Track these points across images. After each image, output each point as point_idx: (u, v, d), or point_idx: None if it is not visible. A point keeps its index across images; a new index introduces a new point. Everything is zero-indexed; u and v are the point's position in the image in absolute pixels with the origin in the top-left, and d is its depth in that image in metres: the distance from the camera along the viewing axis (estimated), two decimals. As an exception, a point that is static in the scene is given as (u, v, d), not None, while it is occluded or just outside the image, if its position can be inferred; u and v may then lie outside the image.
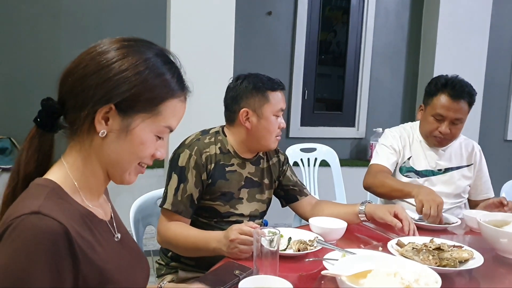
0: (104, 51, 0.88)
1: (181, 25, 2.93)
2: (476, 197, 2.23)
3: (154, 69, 0.89)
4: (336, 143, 3.76)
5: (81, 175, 0.91)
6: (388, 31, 4.26)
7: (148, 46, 0.93)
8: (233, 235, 1.37)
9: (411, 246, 1.39)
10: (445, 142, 2.12)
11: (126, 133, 0.89)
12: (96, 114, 0.86)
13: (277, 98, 1.68)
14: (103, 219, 0.96)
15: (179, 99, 0.94)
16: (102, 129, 0.87)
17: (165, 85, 0.91)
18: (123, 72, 0.86)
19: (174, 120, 0.94)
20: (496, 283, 1.39)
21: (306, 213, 1.83)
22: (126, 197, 1.85)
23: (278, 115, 1.69)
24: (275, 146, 1.74)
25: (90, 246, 0.85)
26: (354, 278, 1.08)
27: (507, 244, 1.51)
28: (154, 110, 0.90)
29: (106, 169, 0.93)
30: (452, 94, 2.02)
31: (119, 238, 0.98)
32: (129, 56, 0.88)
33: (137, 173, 0.96)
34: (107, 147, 0.89)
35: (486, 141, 4.17)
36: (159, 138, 0.94)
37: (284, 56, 4.08)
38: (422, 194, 1.81)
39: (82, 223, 0.86)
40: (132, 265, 0.98)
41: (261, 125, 1.67)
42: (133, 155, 0.91)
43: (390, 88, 4.31)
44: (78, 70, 0.87)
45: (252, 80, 1.68)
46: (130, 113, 0.88)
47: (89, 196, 0.93)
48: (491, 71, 4.19)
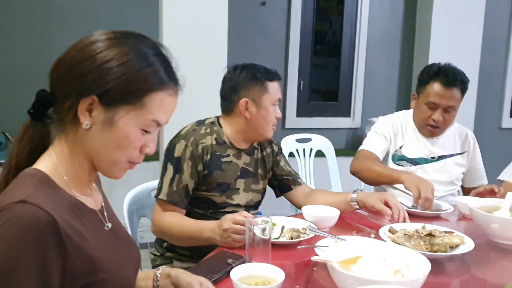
0: (91, 42, 0.88)
1: (174, 16, 2.92)
2: (470, 185, 2.25)
3: (141, 60, 0.88)
4: (332, 133, 3.77)
5: (69, 166, 0.91)
6: (382, 20, 4.25)
7: (138, 38, 0.92)
8: (226, 225, 1.38)
9: (403, 233, 1.40)
10: (438, 131, 2.13)
11: (110, 126, 0.88)
12: (79, 105, 0.86)
13: (275, 88, 1.70)
14: (93, 208, 0.96)
15: (167, 92, 0.91)
16: (85, 121, 0.87)
17: (151, 77, 0.88)
18: (107, 63, 0.85)
19: (162, 114, 0.91)
20: (486, 267, 1.41)
21: (300, 202, 1.84)
22: (122, 189, 1.85)
23: (276, 104, 1.71)
24: (272, 135, 1.76)
25: (79, 235, 0.85)
26: (344, 264, 1.09)
27: (498, 229, 1.53)
28: (139, 102, 0.88)
29: (92, 160, 0.92)
30: (445, 82, 2.02)
31: (110, 228, 0.98)
32: (114, 47, 0.87)
33: (126, 169, 0.95)
34: (92, 139, 0.89)
35: (481, 129, 4.19)
36: (146, 132, 0.91)
37: (279, 47, 4.07)
38: (414, 180, 1.82)
39: (71, 212, 0.86)
40: (123, 254, 0.99)
41: (260, 115, 1.68)
42: (118, 148, 0.90)
43: (385, 78, 4.31)
44: (66, 61, 0.87)
45: (251, 70, 1.69)
46: (114, 105, 0.87)
47: (78, 186, 0.93)
48: (485, 59, 4.20)
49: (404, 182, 1.85)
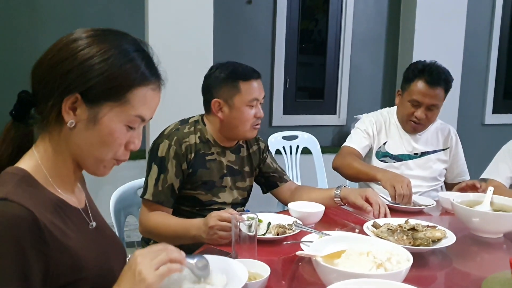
0: (71, 40, 0.88)
1: (160, 14, 2.91)
2: (452, 180, 2.29)
3: (123, 56, 0.88)
4: (318, 131, 3.80)
5: (52, 164, 0.91)
6: (367, 19, 4.29)
7: (119, 35, 0.92)
8: (212, 222, 1.39)
9: (387, 227, 1.43)
10: (421, 128, 2.17)
11: (94, 123, 0.88)
12: (62, 104, 0.86)
13: (249, 88, 1.65)
14: (77, 207, 0.96)
15: (150, 88, 0.92)
16: (70, 119, 0.87)
17: (133, 72, 0.89)
18: (88, 60, 0.85)
19: (145, 109, 0.92)
20: (468, 260, 1.44)
21: (286, 199, 1.86)
22: (109, 188, 1.85)
23: (252, 105, 1.66)
24: (253, 135, 1.73)
25: (62, 233, 0.85)
26: (328, 258, 1.11)
27: (479, 223, 1.56)
28: (122, 99, 0.88)
29: (77, 159, 0.92)
30: (429, 80, 2.05)
31: (94, 227, 0.99)
32: (95, 44, 0.87)
33: (112, 166, 0.95)
34: (77, 138, 0.89)
35: (465, 126, 4.25)
36: (131, 128, 0.92)
37: (265, 45, 4.08)
38: (389, 178, 1.85)
39: (53, 211, 0.86)
40: (108, 253, 0.99)
41: (232, 116, 1.66)
42: (103, 146, 0.90)
43: (370, 75, 4.35)
44: (47, 60, 0.87)
45: (225, 70, 1.66)
46: (97, 102, 0.87)
47: (62, 185, 0.93)
48: (468, 57, 4.26)
49: (380, 180, 1.88)
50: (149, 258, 0.83)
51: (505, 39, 4.70)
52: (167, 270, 0.83)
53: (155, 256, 0.83)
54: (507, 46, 4.76)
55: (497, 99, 4.75)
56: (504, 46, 4.71)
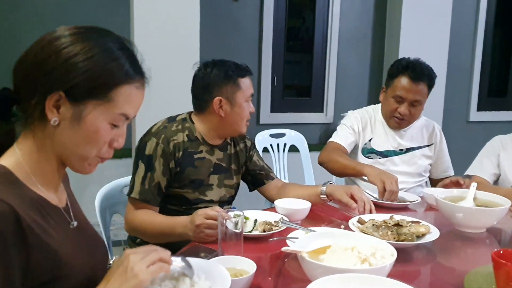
0: (54, 38, 0.87)
1: (145, 11, 2.90)
2: (437, 176, 2.32)
3: (107, 54, 0.88)
4: (306, 129, 3.82)
5: (35, 162, 0.90)
6: (354, 16, 4.31)
7: (102, 33, 0.92)
8: (198, 220, 1.38)
9: (372, 223, 1.44)
10: (404, 124, 2.19)
11: (79, 121, 0.88)
12: (46, 102, 0.86)
13: (247, 84, 1.70)
14: (57, 205, 0.95)
15: (134, 86, 0.92)
16: (53, 117, 0.87)
17: (117, 70, 0.89)
18: (72, 58, 0.85)
19: (130, 107, 0.92)
20: (451, 255, 1.46)
21: (273, 196, 1.86)
22: (95, 188, 1.84)
23: (249, 100, 1.71)
24: (245, 130, 1.77)
25: (43, 231, 0.85)
26: (314, 254, 1.12)
27: (463, 218, 1.58)
28: (106, 97, 0.88)
29: (61, 157, 0.92)
30: (412, 76, 2.08)
31: (75, 226, 0.98)
32: (79, 42, 0.87)
33: (96, 163, 0.95)
34: (61, 136, 0.89)
35: (450, 123, 4.31)
36: (115, 126, 0.92)
37: (252, 43, 4.08)
38: (378, 173, 1.87)
39: (33, 208, 0.86)
40: (89, 252, 0.99)
41: (234, 112, 1.68)
42: (88, 144, 0.90)
43: (356, 73, 4.38)
44: (29, 58, 0.87)
45: (222, 68, 1.67)
46: (81, 100, 0.87)
47: (44, 183, 0.92)
48: (453, 54, 4.31)
49: (367, 175, 1.90)
50: (141, 256, 0.85)
51: (490, 38, 4.77)
52: (159, 268, 0.85)
53: (146, 254, 0.86)
54: (492, 45, 4.82)
55: (481, 96, 4.82)
56: (488, 45, 4.77)
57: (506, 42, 4.98)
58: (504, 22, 4.88)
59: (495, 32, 4.82)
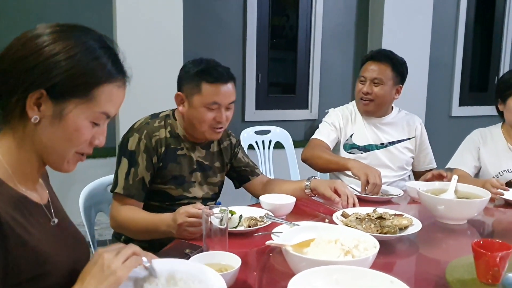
0: (35, 35, 0.87)
1: (128, 9, 2.88)
2: (420, 169, 2.36)
3: (88, 53, 0.88)
4: (291, 125, 3.84)
5: (15, 161, 0.90)
6: (337, 14, 4.34)
7: (84, 31, 0.92)
8: (180, 219, 1.38)
9: (355, 216, 1.46)
10: (371, 106, 2.23)
11: (60, 119, 0.88)
12: (27, 100, 0.85)
13: (212, 91, 1.60)
14: (39, 202, 0.95)
15: (115, 84, 0.92)
16: (34, 115, 0.86)
17: (99, 70, 0.89)
18: (54, 57, 0.85)
19: (111, 106, 0.92)
20: (434, 247, 1.48)
21: (258, 192, 1.87)
22: (79, 187, 1.82)
23: (212, 108, 1.62)
24: (213, 137, 1.71)
25: (23, 228, 0.85)
26: (298, 247, 1.13)
27: (444, 210, 1.61)
28: (88, 95, 0.88)
29: (41, 155, 0.92)
30: (371, 57, 2.23)
31: (56, 223, 0.98)
32: (61, 40, 0.86)
33: (76, 161, 0.95)
34: (41, 134, 0.88)
35: (432, 118, 4.37)
36: (96, 124, 0.92)
37: (236, 40, 4.08)
38: (362, 167, 1.90)
39: (14, 207, 0.86)
40: (70, 249, 0.98)
41: (190, 113, 1.65)
42: (68, 142, 0.90)
43: (340, 70, 4.41)
44: (9, 55, 0.86)
45: (197, 66, 1.64)
46: (63, 99, 0.87)
47: (24, 180, 0.92)
48: (435, 51, 4.37)
49: (351, 169, 1.92)
50: (114, 253, 0.85)
51: (470, 34, 4.84)
52: (135, 262, 0.86)
53: (119, 251, 0.86)
54: (472, 40, 4.90)
55: (463, 92, 4.90)
56: (469, 41, 4.85)
57: (486, 38, 5.06)
58: (484, 18, 4.96)
59: (475, 28, 4.90)
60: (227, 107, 1.66)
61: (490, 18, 5.01)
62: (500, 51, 5.07)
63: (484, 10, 4.94)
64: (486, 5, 4.93)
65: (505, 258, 1.05)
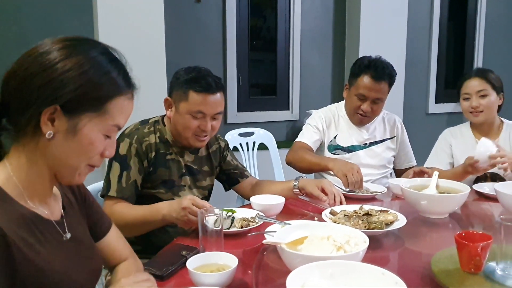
0: (46, 51, 0.87)
1: (109, 16, 2.87)
2: (401, 166, 2.44)
3: (99, 68, 0.90)
4: (273, 126, 3.89)
5: (26, 176, 0.90)
6: (314, 16, 4.40)
7: (92, 44, 0.93)
8: (186, 203, 1.42)
9: (343, 214, 1.52)
10: (367, 120, 2.29)
11: (74, 134, 0.89)
12: (41, 116, 0.86)
13: (198, 100, 1.63)
14: (49, 219, 0.95)
15: (126, 97, 0.95)
16: (48, 131, 0.87)
17: (111, 83, 0.91)
18: (67, 72, 0.86)
19: (122, 118, 0.95)
20: (418, 240, 1.55)
21: (248, 193, 1.92)
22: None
23: (197, 116, 1.65)
24: (197, 145, 1.73)
25: (31, 248, 0.86)
26: (292, 244, 1.18)
27: (427, 205, 1.68)
28: (101, 109, 0.90)
29: (53, 169, 0.92)
30: (374, 75, 2.17)
31: (69, 238, 0.98)
32: (73, 55, 0.88)
33: (87, 173, 0.97)
34: (55, 148, 0.89)
35: (410, 115, 4.48)
36: (108, 137, 0.94)
37: (216, 43, 4.10)
38: (340, 167, 1.95)
39: (23, 225, 0.86)
40: (80, 265, 0.99)
41: (175, 118, 1.69)
42: (82, 155, 0.91)
43: (319, 71, 4.48)
44: (21, 72, 0.87)
45: (188, 75, 1.67)
46: (77, 113, 0.88)
47: (35, 196, 0.93)
48: (411, 50, 4.47)
49: (332, 169, 1.99)
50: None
51: (444, 33, 4.97)
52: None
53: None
54: (446, 39, 5.03)
55: (439, 89, 5.01)
56: (443, 40, 4.98)
57: (459, 36, 5.20)
58: (456, 16, 5.10)
59: (448, 26, 5.03)
60: (214, 117, 1.69)
61: (462, 16, 5.15)
62: (473, 48, 5.21)
63: (457, 10, 5.07)
64: (459, 5, 5.07)
65: (486, 248, 1.11)
